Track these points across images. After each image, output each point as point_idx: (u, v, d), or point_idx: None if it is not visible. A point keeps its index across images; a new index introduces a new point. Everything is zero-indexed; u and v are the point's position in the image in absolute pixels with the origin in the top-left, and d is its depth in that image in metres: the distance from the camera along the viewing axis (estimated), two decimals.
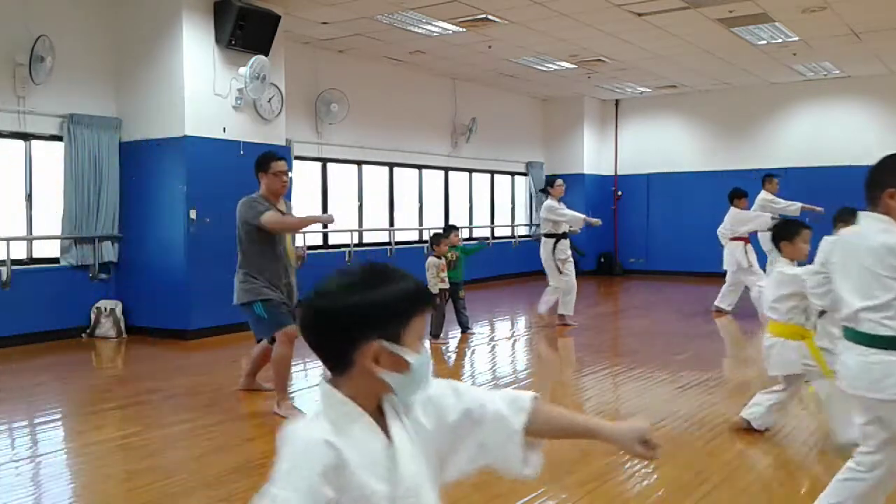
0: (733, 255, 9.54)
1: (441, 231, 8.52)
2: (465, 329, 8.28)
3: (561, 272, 8.49)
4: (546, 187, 8.93)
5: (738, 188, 9.79)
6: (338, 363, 1.39)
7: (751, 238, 9.68)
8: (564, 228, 8.66)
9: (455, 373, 6.70)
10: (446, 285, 7.91)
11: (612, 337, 8.24)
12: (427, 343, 1.46)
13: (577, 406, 5.56)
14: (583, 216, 8.89)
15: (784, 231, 4.41)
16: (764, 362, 4.39)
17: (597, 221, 9.27)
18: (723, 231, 9.75)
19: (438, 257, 7.94)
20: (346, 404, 1.39)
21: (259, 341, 5.31)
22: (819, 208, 9.53)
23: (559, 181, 8.87)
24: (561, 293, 8.58)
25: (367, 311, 1.35)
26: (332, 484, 1.29)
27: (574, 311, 8.71)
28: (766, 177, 10.31)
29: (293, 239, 5.19)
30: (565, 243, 8.61)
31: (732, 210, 9.65)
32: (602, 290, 13.25)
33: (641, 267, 15.38)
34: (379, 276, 1.39)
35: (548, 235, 8.63)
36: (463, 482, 1.38)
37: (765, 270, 9.82)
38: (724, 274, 10.38)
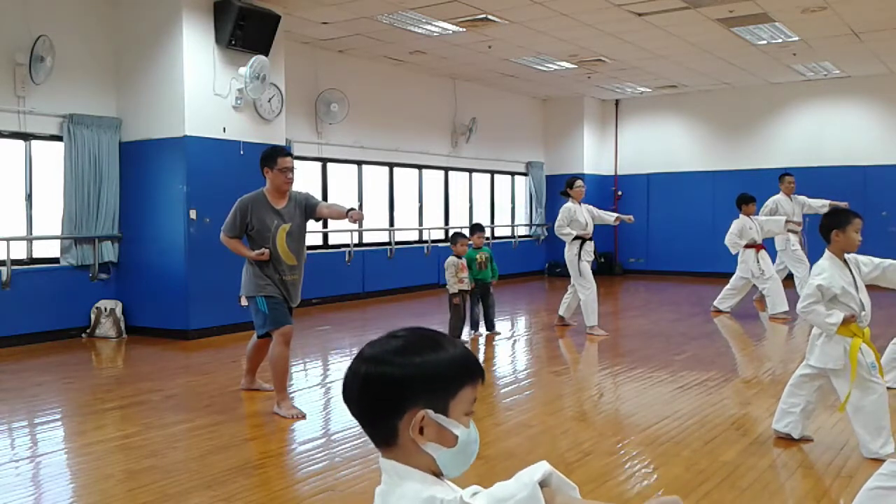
0: (747, 264, 9.44)
1: (460, 230, 8.47)
2: (489, 329, 8.28)
3: (581, 275, 8.15)
4: (566, 189, 8.42)
5: (746, 194, 9.50)
6: (383, 434, 1.31)
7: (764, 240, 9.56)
8: (590, 231, 8.29)
9: None
10: (466, 286, 7.89)
11: (612, 337, 8.23)
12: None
13: (576, 405, 5.57)
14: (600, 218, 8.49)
15: (835, 219, 4.15)
16: (807, 352, 4.26)
17: (629, 218, 8.73)
18: (735, 241, 9.38)
19: (458, 256, 7.91)
20: (423, 475, 1.30)
21: (260, 336, 5.31)
22: (844, 203, 9.12)
23: (579, 182, 8.41)
24: (580, 298, 8.25)
25: (415, 378, 1.28)
26: None
27: (579, 317, 8.67)
28: (780, 176, 10.20)
29: (293, 239, 5.16)
30: (590, 245, 8.29)
31: (742, 218, 9.40)
32: (602, 290, 13.20)
33: (641, 267, 15.39)
34: (429, 341, 1.32)
35: (574, 237, 8.20)
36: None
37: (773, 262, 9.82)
38: (724, 274, 10.38)
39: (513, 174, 15.18)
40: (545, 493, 1.18)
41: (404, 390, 1.28)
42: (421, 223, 12.75)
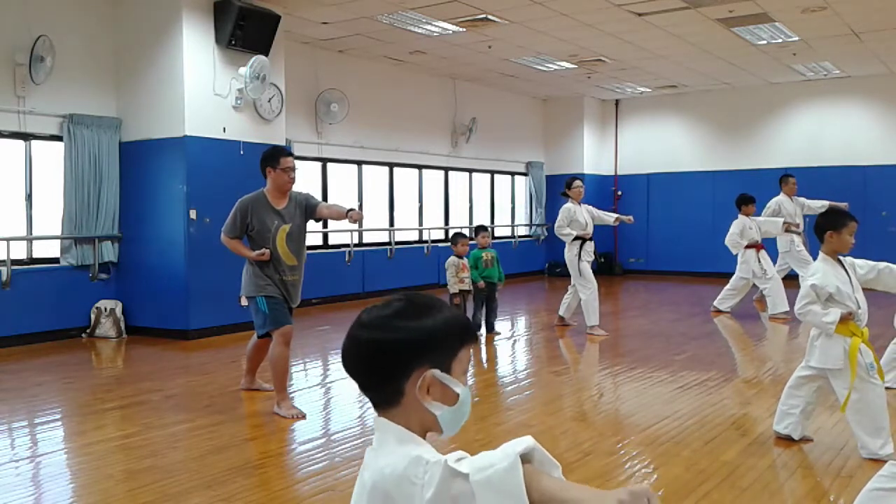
0: (748, 264, 9.44)
1: (461, 230, 8.45)
2: (490, 329, 8.27)
3: (582, 275, 8.15)
4: (565, 189, 8.42)
5: (746, 194, 9.52)
6: (386, 395, 1.35)
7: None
8: (590, 231, 8.28)
9: None
10: (466, 286, 7.87)
11: (611, 337, 8.23)
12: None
13: (576, 405, 5.56)
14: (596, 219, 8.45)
15: (831, 221, 4.16)
16: (807, 353, 4.26)
17: (629, 218, 8.72)
18: (737, 241, 9.38)
19: (459, 257, 7.90)
20: (412, 436, 1.34)
21: (260, 336, 5.31)
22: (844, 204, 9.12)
23: (577, 182, 8.41)
24: (581, 298, 8.25)
25: (422, 338, 1.33)
26: None
27: (579, 317, 8.68)
28: (782, 177, 10.18)
29: (293, 239, 5.16)
30: (591, 245, 8.29)
31: (742, 219, 9.42)
32: (602, 290, 13.19)
33: (641, 267, 15.38)
34: (425, 305, 1.37)
35: (574, 238, 8.19)
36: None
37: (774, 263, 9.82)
38: (724, 274, 10.36)
39: (513, 174, 15.18)
40: (526, 469, 1.20)
41: (413, 352, 1.32)
42: (421, 223, 12.75)
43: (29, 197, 7.90)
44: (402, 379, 1.33)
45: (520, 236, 15.18)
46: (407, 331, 1.32)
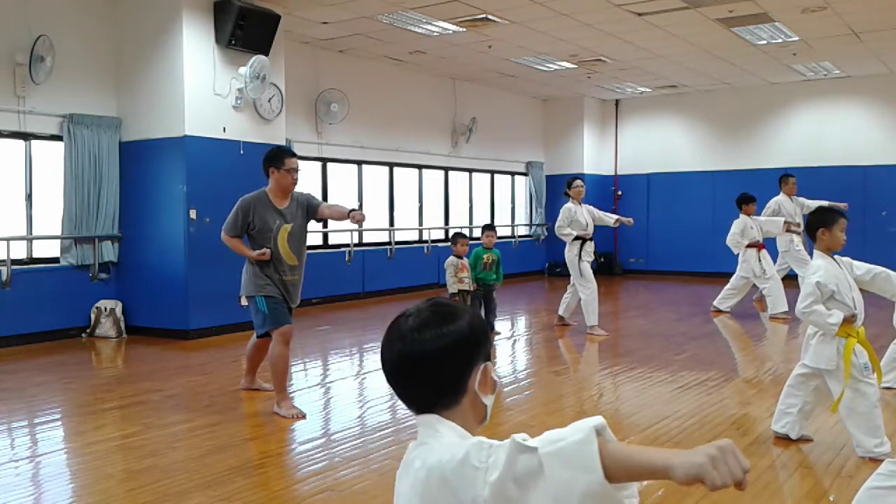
0: (749, 263, 9.45)
1: (461, 230, 8.43)
2: (489, 329, 8.21)
3: (582, 275, 8.16)
4: (566, 189, 8.44)
5: (747, 193, 9.53)
6: (448, 398, 1.38)
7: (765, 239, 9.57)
8: (590, 232, 8.29)
9: None
10: (466, 286, 7.87)
11: (612, 337, 8.23)
12: None
13: (576, 405, 5.56)
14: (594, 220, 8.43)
15: (822, 218, 4.19)
16: (802, 351, 4.29)
17: (629, 220, 8.76)
18: (738, 241, 9.40)
19: (458, 257, 7.90)
20: (466, 432, 1.36)
21: (260, 336, 5.30)
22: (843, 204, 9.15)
23: (578, 182, 8.41)
24: (581, 298, 8.26)
25: (474, 336, 1.39)
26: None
27: (578, 317, 8.68)
28: (782, 177, 10.18)
29: (295, 239, 5.16)
30: (591, 245, 8.30)
31: (743, 218, 9.43)
32: (602, 290, 13.19)
33: (641, 267, 15.38)
34: (452, 306, 1.43)
35: (575, 237, 8.21)
36: None
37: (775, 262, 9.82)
38: (724, 274, 10.35)
39: (513, 174, 15.18)
40: (598, 440, 1.20)
41: (473, 349, 1.39)
42: (421, 223, 12.75)
43: (29, 197, 7.90)
44: (467, 378, 1.38)
45: (520, 236, 15.18)
46: (460, 332, 1.37)
